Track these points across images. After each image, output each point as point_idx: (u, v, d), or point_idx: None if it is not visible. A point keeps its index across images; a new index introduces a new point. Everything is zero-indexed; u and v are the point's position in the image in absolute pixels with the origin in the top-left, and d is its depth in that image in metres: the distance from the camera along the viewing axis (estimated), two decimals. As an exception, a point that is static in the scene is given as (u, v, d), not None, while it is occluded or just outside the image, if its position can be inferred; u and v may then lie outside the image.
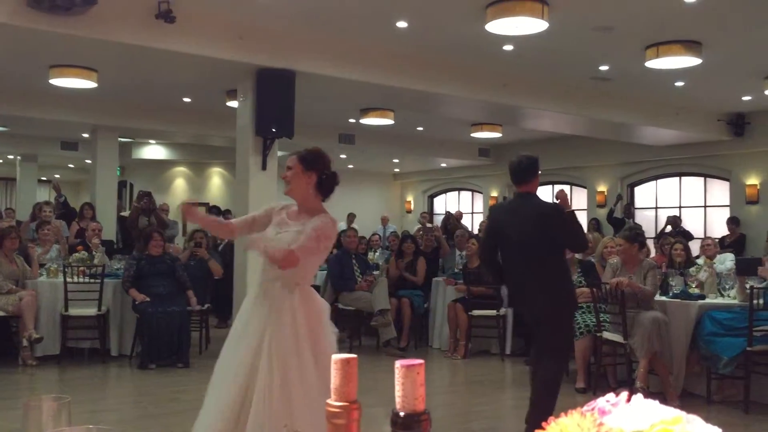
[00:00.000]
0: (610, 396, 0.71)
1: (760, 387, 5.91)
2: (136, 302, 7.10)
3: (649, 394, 5.07)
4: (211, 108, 10.90)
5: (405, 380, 0.65)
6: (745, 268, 6.34)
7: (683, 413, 0.64)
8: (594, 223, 13.01)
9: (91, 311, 7.15)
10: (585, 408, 0.69)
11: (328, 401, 0.74)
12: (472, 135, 12.61)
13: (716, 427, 0.66)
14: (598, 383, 6.34)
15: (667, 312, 6.22)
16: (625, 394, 0.69)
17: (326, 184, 3.40)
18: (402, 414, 0.65)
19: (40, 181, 17.13)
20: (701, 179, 13.21)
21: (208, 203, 16.08)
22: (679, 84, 9.38)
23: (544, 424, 0.66)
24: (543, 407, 4.36)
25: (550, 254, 4.58)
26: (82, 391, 6.20)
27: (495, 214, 5.15)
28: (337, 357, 0.74)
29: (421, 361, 0.66)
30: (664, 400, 5.95)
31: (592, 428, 0.62)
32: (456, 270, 8.84)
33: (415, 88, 8.45)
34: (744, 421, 5.52)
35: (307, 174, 3.36)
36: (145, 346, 7.04)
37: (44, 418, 1.09)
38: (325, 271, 8.67)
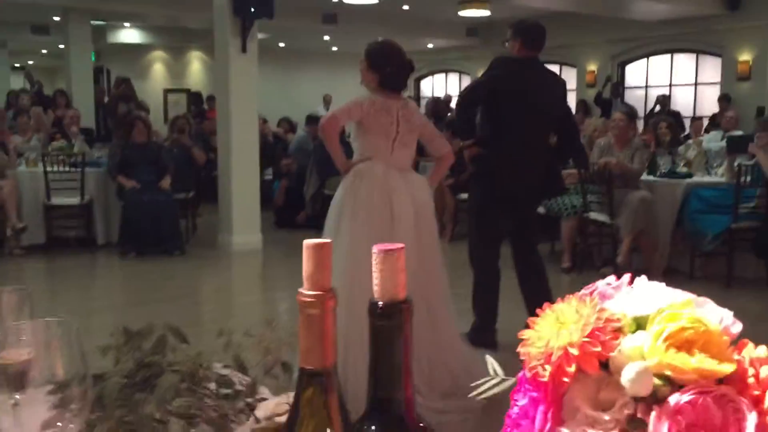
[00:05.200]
0: (611, 278, 0.64)
1: (742, 263, 6.01)
2: (125, 188, 7.00)
3: (632, 271, 5.09)
4: (186, -13, 10.39)
5: (383, 266, 0.58)
6: (736, 146, 6.29)
7: (693, 296, 0.57)
8: (582, 105, 12.80)
9: (74, 200, 7.07)
10: (584, 292, 0.63)
11: (300, 290, 0.67)
12: (460, 13, 12.16)
13: (727, 310, 0.60)
14: (583, 263, 6.42)
15: (654, 191, 6.22)
16: (627, 276, 0.62)
17: (388, 81, 3.47)
18: (381, 303, 0.58)
19: (13, 68, 16.58)
20: (693, 56, 12.94)
21: (188, 89, 15.71)
22: (675, -46, 8.98)
23: (539, 310, 0.59)
24: (549, 295, 4.34)
25: (551, 128, 4.41)
26: (70, 279, 6.23)
27: (508, 66, 4.26)
28: (308, 242, 0.67)
29: (400, 245, 0.58)
30: (648, 276, 6.05)
31: (592, 314, 0.55)
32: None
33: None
34: (726, 295, 5.63)
35: (370, 72, 3.48)
36: (125, 234, 6.98)
37: (3, 310, 1.02)
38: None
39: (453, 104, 15.16)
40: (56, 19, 12.24)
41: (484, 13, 11.98)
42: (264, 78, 7.75)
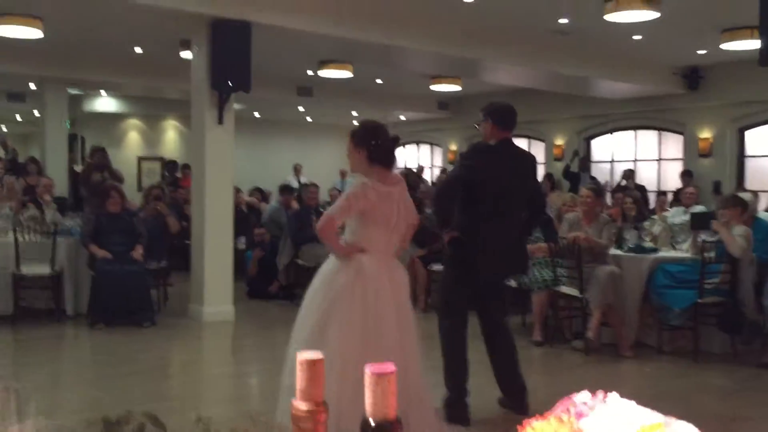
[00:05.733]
0: (585, 395, 0.69)
1: (708, 337, 6.11)
2: (98, 258, 6.94)
3: (600, 345, 5.08)
4: (163, 59, 10.57)
5: (376, 388, 0.63)
6: (699, 222, 6.47)
7: (663, 417, 0.62)
8: (548, 178, 13.07)
9: (45, 270, 6.98)
10: (560, 408, 0.68)
11: (294, 402, 0.71)
12: (432, 88, 12.51)
13: (693, 427, 0.65)
14: (554, 336, 6.47)
15: (621, 265, 6.35)
16: (601, 394, 0.68)
17: (378, 154, 3.51)
18: (373, 423, 0.63)
19: (-15, 134, 16.53)
20: (656, 133, 13.40)
21: (162, 157, 15.78)
22: (637, 37, 9.41)
23: (519, 427, 0.64)
24: (517, 368, 4.44)
25: (524, 208, 4.52)
26: (37, 352, 6.10)
27: (482, 156, 4.43)
28: (302, 357, 0.71)
29: (392, 368, 0.63)
30: (617, 350, 6.13)
31: (569, 435, 0.60)
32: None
33: (374, 40, 8.31)
34: (693, 370, 5.71)
35: (358, 150, 3.54)
36: (95, 305, 6.89)
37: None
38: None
39: (424, 175, 15.39)
40: (32, 87, 12.33)
41: (456, 88, 12.34)
42: (238, 147, 7.83)
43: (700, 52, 10.43)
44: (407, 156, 18.77)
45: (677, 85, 11.63)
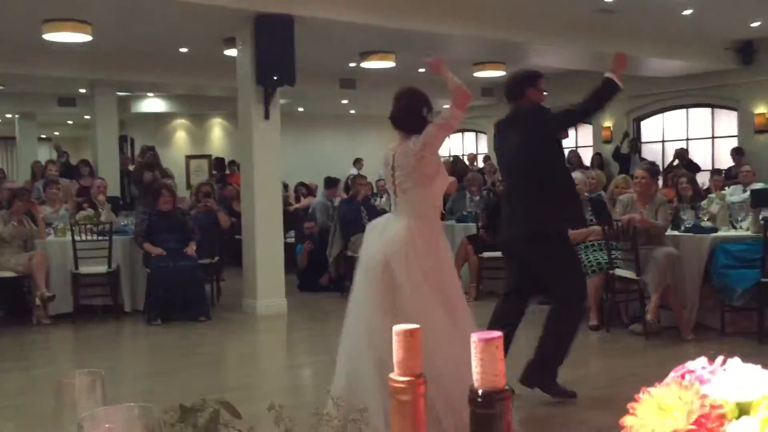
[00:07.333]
0: (703, 361, 0.65)
1: (773, 317, 5.91)
2: (152, 256, 7.06)
3: (660, 328, 4.92)
4: (208, 57, 10.66)
5: (483, 355, 0.59)
6: (760, 199, 6.27)
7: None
8: (597, 158, 12.84)
9: (102, 268, 7.13)
10: (676, 373, 0.64)
11: (392, 376, 0.69)
12: (475, 74, 12.36)
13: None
14: (611, 320, 6.35)
15: (679, 246, 6.18)
16: (720, 359, 0.63)
17: (392, 118, 3.86)
18: (481, 392, 0.59)
19: (39, 139, 16.97)
20: (708, 110, 13.02)
21: (210, 155, 15.99)
22: (687, 12, 9.14)
23: (636, 396, 0.60)
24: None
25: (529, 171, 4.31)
26: (96, 348, 6.24)
27: (495, 133, 4.76)
28: (399, 328, 0.68)
29: (499, 333, 0.60)
30: (679, 333, 5.98)
31: (695, 400, 0.56)
32: (464, 212, 8.81)
33: (416, 28, 8.24)
34: (759, 351, 5.53)
35: None
36: (151, 301, 7.02)
37: (77, 393, 1.04)
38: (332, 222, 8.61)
39: (478, 163, 15.26)
40: (82, 91, 12.59)
41: (500, 73, 12.17)
42: (283, 141, 7.88)
43: (753, 24, 10.08)
44: (452, 144, 18.64)
45: (730, 61, 11.26)
